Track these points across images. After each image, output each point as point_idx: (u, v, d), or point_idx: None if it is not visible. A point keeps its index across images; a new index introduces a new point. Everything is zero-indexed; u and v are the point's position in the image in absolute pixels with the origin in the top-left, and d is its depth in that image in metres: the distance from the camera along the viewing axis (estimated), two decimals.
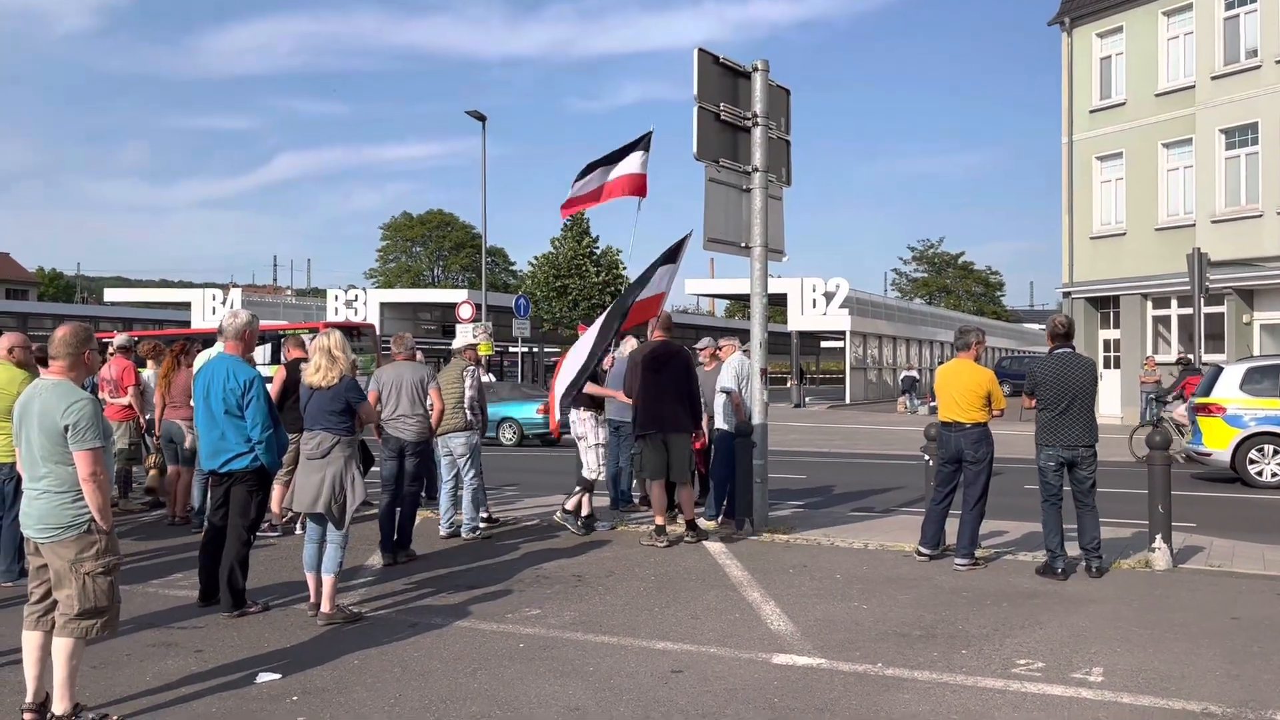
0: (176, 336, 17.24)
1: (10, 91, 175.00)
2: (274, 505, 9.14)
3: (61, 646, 4.61)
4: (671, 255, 9.70)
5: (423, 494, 10.14)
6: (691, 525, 9.22)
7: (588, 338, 9.33)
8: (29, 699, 4.71)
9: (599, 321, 9.52)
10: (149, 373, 11.03)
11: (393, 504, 8.46)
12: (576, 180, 10.48)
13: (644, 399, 9.12)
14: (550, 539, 9.45)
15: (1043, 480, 7.95)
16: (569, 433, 10.23)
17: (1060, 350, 8.00)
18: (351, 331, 12.86)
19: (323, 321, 18.57)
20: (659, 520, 9.11)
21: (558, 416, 9.71)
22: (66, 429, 4.60)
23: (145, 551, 8.79)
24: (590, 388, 9.68)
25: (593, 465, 9.72)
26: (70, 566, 4.62)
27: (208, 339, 13.01)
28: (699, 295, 51.19)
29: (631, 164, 10.43)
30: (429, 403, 8.58)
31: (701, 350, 10.98)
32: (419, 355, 9.75)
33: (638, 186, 10.30)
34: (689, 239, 9.89)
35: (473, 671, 5.51)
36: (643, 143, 10.44)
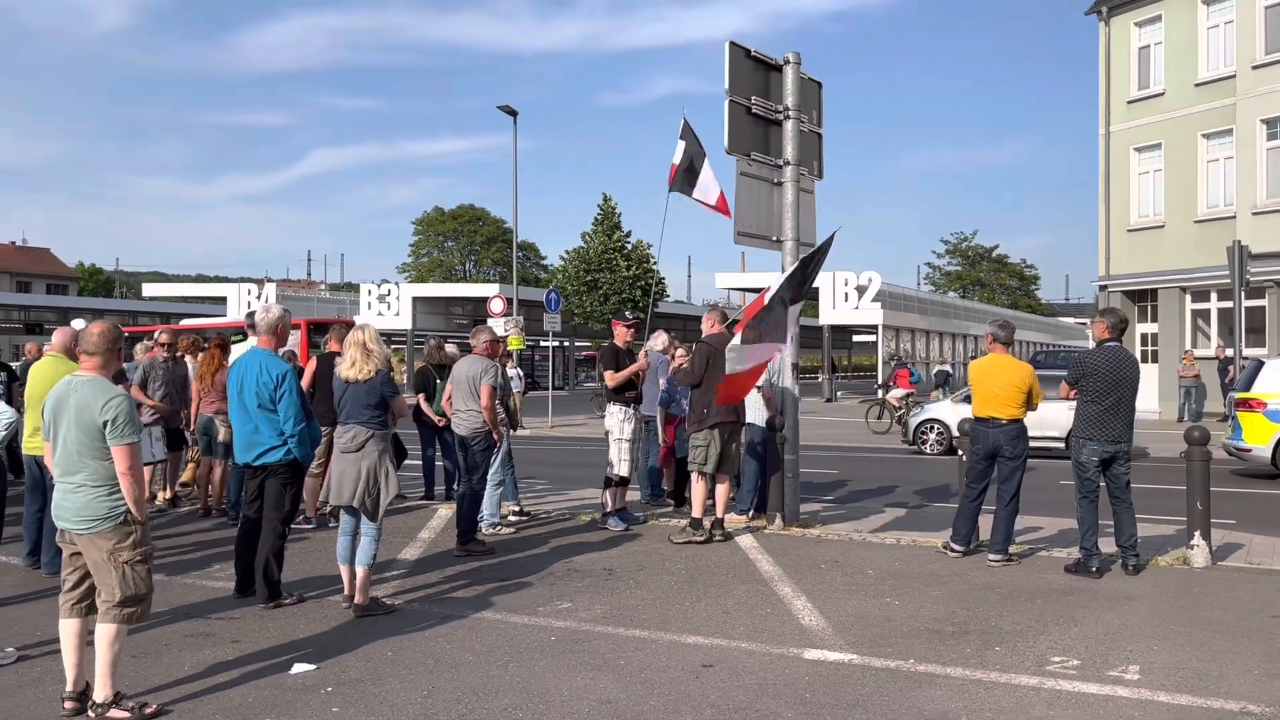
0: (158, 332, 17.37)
1: (52, 88, 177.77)
2: (307, 497, 9.23)
3: (104, 633, 4.72)
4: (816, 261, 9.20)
5: (454, 487, 10.23)
6: (719, 524, 9.08)
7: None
8: (69, 688, 4.80)
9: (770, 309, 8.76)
10: (191, 366, 11.14)
11: (461, 496, 8.61)
12: (685, 169, 10.21)
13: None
14: (581, 533, 9.47)
15: (1082, 476, 7.84)
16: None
17: (1110, 343, 7.89)
18: (326, 326, 13.05)
19: (305, 318, 19.23)
20: (697, 513, 8.99)
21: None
22: (105, 424, 4.70)
23: (183, 545, 8.91)
24: (613, 377, 9.63)
25: (613, 461, 9.68)
26: (108, 557, 4.74)
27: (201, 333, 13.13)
28: (730, 289, 51.05)
29: (674, 157, 10.29)
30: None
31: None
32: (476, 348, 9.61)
33: (670, 176, 10.22)
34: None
35: (504, 664, 5.54)
36: (683, 132, 10.31)
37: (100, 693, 4.71)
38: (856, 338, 63.35)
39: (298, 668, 5.44)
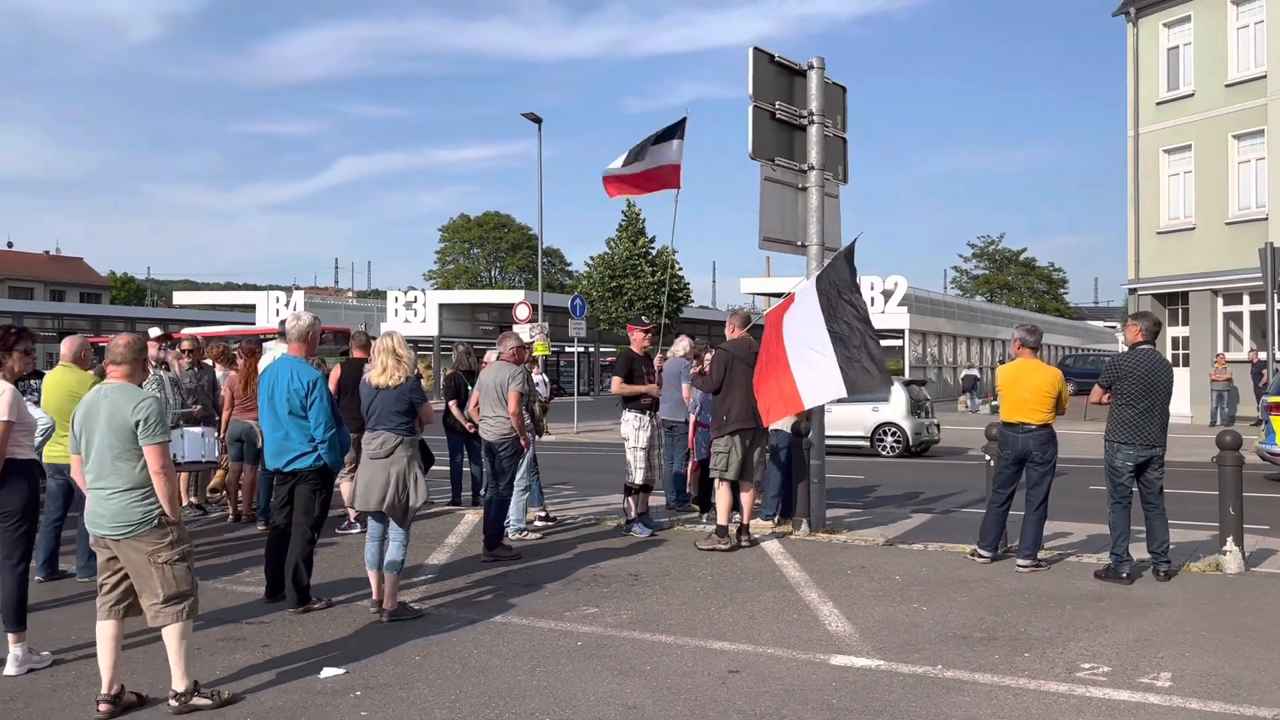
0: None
1: (85, 100, 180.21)
2: (346, 499, 9.34)
3: (167, 635, 4.91)
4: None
5: (481, 493, 10.28)
6: (744, 529, 9.06)
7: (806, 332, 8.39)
8: (103, 690, 4.89)
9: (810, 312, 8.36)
10: (220, 374, 11.27)
11: (488, 501, 8.67)
12: (625, 160, 10.47)
13: (743, 397, 8.76)
14: (606, 538, 9.49)
15: (1116, 481, 7.77)
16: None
17: (1144, 346, 7.83)
18: (333, 335, 13.25)
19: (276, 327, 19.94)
20: (723, 521, 8.97)
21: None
22: (137, 424, 4.85)
23: (213, 549, 9.00)
24: (619, 386, 9.66)
25: (630, 468, 9.69)
26: (148, 559, 4.87)
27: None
28: (755, 295, 50.94)
29: (670, 153, 10.45)
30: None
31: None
32: (491, 356, 9.64)
33: (673, 178, 10.32)
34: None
35: (531, 669, 5.57)
36: (679, 130, 10.45)
37: (179, 684, 4.90)
38: (883, 342, 63.06)
39: (327, 671, 5.49)
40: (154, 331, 9.33)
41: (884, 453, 18.39)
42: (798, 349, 8.33)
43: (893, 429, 18.41)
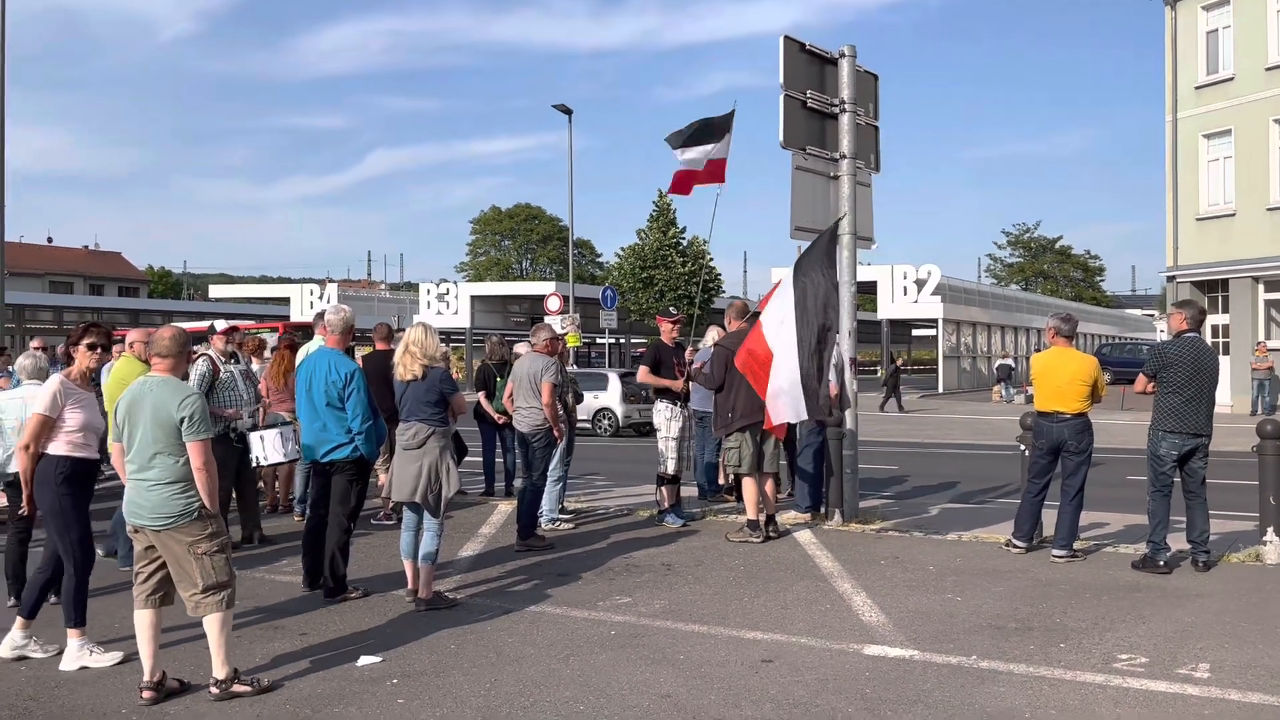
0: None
1: (122, 97, 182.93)
2: (383, 490, 9.42)
3: (208, 624, 4.99)
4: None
5: (514, 483, 10.33)
6: (771, 520, 9.02)
7: (779, 327, 8.59)
8: (146, 677, 4.98)
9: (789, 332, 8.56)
10: (256, 367, 11.37)
11: (521, 492, 8.72)
12: (680, 148, 10.34)
13: (748, 391, 8.79)
14: (639, 529, 9.52)
15: (1158, 470, 7.67)
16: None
17: (1189, 334, 7.73)
18: (301, 329, 13.15)
19: (282, 322, 20.01)
20: (751, 514, 8.95)
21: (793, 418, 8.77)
22: (182, 421, 4.92)
23: (252, 539, 9.11)
24: (645, 375, 9.68)
25: (662, 458, 9.70)
26: (188, 549, 4.96)
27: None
28: None
29: (722, 149, 10.40)
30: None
31: None
32: (524, 347, 9.61)
33: (718, 173, 10.28)
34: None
35: (565, 658, 5.61)
36: (729, 123, 10.39)
37: (220, 672, 5.00)
38: (916, 332, 62.62)
39: (364, 660, 5.56)
40: (220, 324, 9.24)
41: (600, 433, 21.47)
42: (778, 355, 8.54)
43: (608, 413, 21.56)
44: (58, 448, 5.68)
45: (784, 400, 8.51)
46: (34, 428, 5.63)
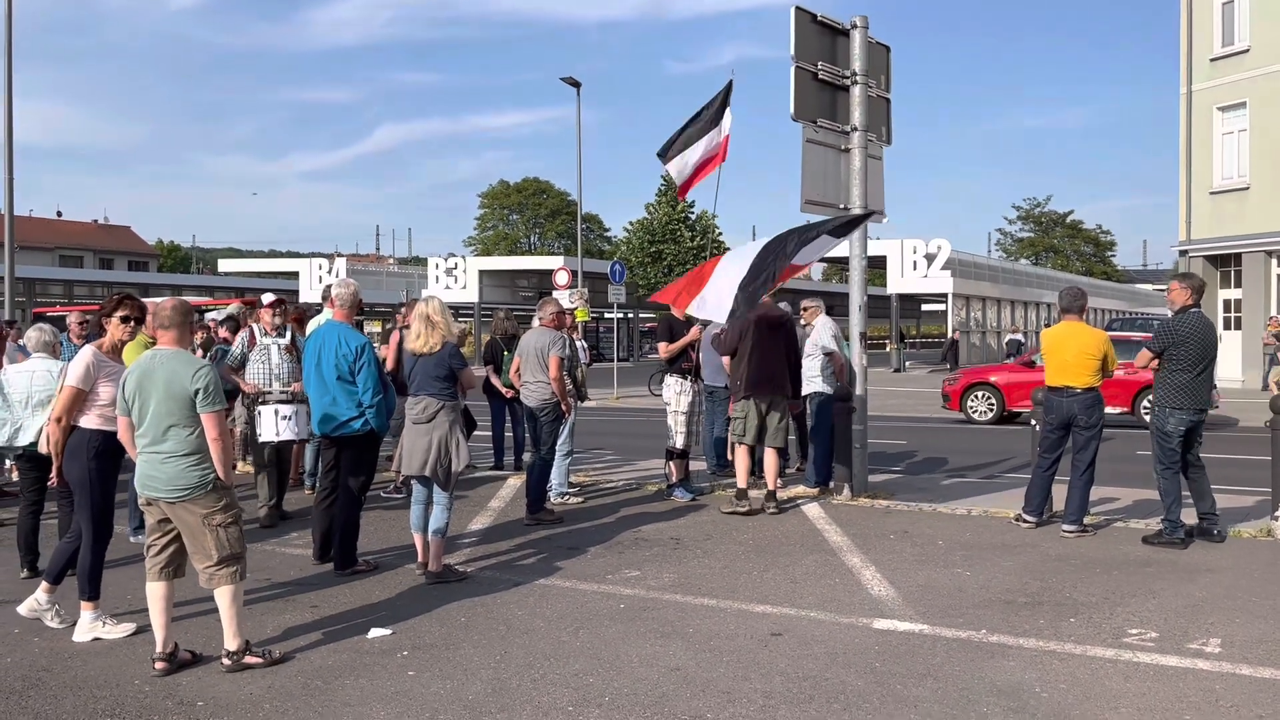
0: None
1: (130, 70, 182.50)
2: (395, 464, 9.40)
3: (220, 595, 5.01)
4: (838, 230, 9.01)
5: (523, 457, 10.34)
6: (771, 495, 8.97)
7: (735, 262, 8.54)
8: (158, 649, 5.01)
9: (752, 251, 8.58)
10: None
11: (530, 466, 8.73)
12: (676, 146, 10.34)
13: (758, 360, 8.86)
14: (648, 503, 9.53)
15: (1167, 446, 7.64)
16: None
17: (1194, 310, 7.68)
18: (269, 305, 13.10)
19: (247, 296, 20.09)
20: (741, 484, 8.95)
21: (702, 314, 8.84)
22: (196, 393, 4.92)
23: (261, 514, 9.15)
24: (666, 349, 9.65)
25: (671, 432, 9.70)
26: (203, 521, 4.97)
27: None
28: None
29: (724, 127, 10.34)
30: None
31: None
32: (537, 321, 9.55)
33: (722, 150, 10.21)
34: (868, 220, 9.29)
35: (574, 630, 5.62)
36: (727, 98, 10.32)
37: (231, 644, 5.02)
38: (925, 306, 62.45)
39: (374, 632, 5.59)
40: (267, 298, 8.95)
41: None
42: (724, 266, 8.54)
43: None
44: (90, 421, 5.70)
45: (710, 299, 8.47)
46: (67, 400, 5.64)
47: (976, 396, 18.46)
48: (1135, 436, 14.69)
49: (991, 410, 18.14)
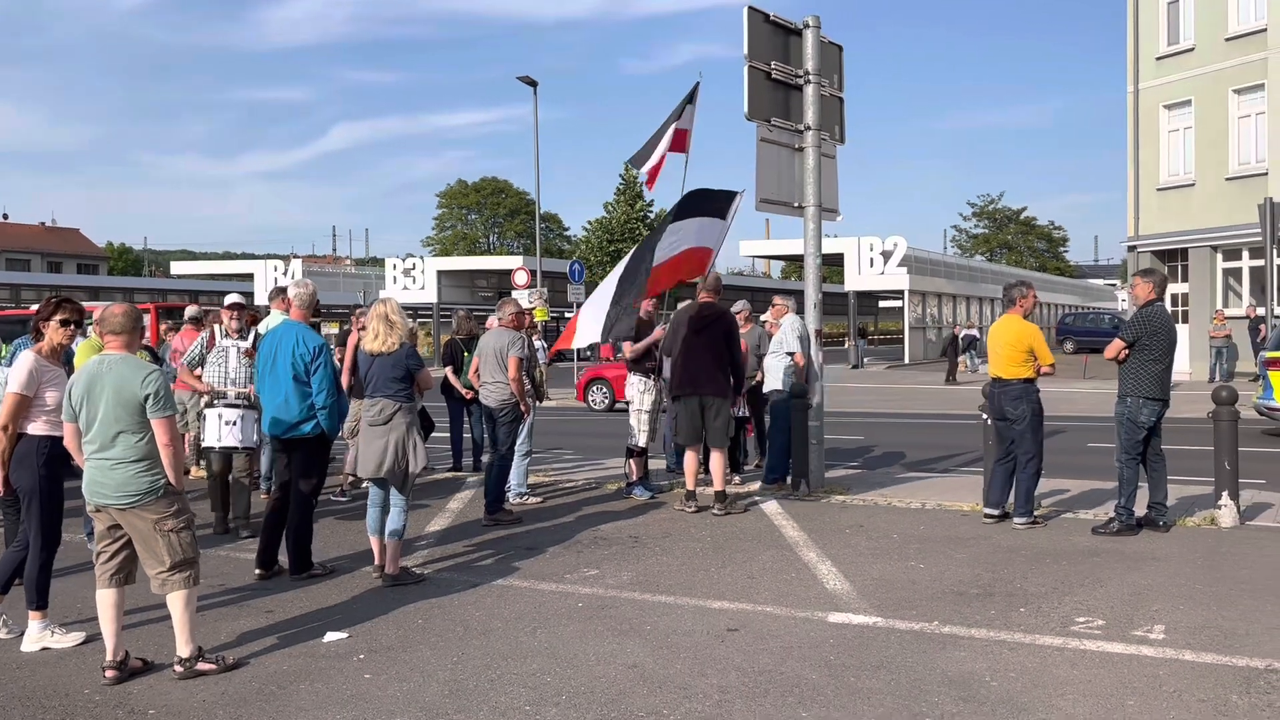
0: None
1: (78, 70, 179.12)
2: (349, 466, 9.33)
3: (172, 601, 4.96)
4: (715, 209, 9.57)
5: (482, 458, 10.30)
6: (721, 496, 8.91)
7: (609, 283, 9.52)
8: (109, 657, 4.94)
9: (621, 267, 9.64)
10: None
11: (489, 466, 8.74)
12: (645, 149, 10.42)
13: (682, 360, 8.91)
14: (607, 502, 9.55)
15: (1133, 438, 7.78)
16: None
17: (1158, 303, 7.85)
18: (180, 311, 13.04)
19: (154, 303, 20.21)
20: (689, 485, 8.98)
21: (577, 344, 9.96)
22: (147, 398, 4.85)
23: (214, 518, 9.04)
24: (631, 349, 9.69)
25: (633, 431, 9.72)
26: (154, 527, 4.91)
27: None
28: (754, 257, 50.91)
29: (684, 120, 10.42)
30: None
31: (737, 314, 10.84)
32: (494, 322, 9.50)
33: (681, 142, 10.28)
34: (739, 198, 9.80)
35: (533, 630, 5.63)
36: (694, 96, 10.42)
37: (183, 650, 4.97)
38: (883, 303, 63.00)
39: (330, 636, 5.55)
40: (231, 299, 8.71)
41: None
42: (599, 290, 9.48)
43: None
44: (38, 428, 5.58)
45: (585, 325, 9.38)
46: (11, 407, 5.52)
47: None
48: (1087, 429, 14.96)
49: None
